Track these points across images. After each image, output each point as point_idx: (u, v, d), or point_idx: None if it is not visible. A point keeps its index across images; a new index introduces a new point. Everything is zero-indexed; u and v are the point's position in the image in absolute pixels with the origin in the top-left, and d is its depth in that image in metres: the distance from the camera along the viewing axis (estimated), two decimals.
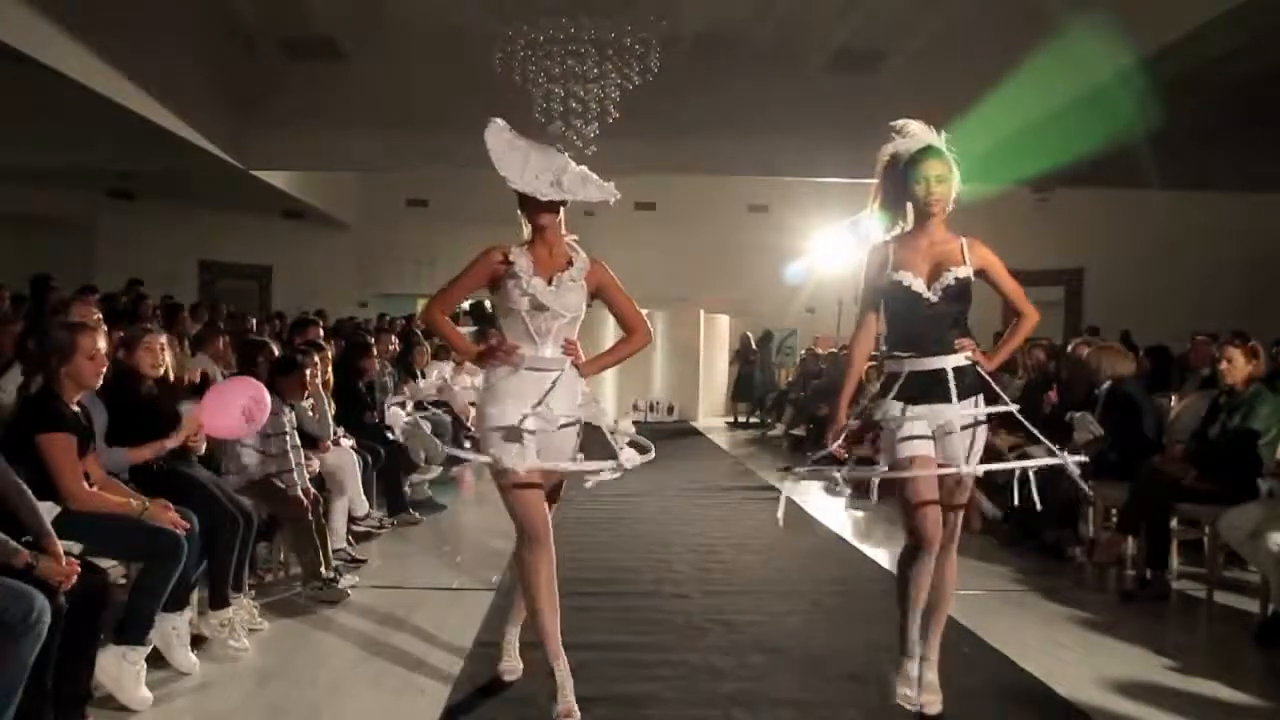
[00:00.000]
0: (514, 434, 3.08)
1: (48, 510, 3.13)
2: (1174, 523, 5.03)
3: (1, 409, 4.03)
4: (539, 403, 3.10)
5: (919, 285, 3.23)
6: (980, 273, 3.27)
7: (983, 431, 3.29)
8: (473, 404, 9.76)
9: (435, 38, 9.99)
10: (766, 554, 5.86)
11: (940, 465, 3.19)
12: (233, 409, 4.22)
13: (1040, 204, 14.61)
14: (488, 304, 17.94)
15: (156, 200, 14.48)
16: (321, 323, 8.70)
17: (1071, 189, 13.46)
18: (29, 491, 3.01)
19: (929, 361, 3.21)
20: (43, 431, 3.28)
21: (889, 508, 4.45)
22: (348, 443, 5.93)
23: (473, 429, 9.93)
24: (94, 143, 10.56)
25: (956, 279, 3.20)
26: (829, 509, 7.37)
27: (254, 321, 10.15)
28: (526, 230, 3.26)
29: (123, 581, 3.63)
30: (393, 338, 9.01)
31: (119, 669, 3.23)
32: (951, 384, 3.16)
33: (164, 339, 4.27)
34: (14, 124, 9.60)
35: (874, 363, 4.36)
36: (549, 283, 3.19)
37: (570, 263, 3.25)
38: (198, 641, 3.78)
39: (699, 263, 16.09)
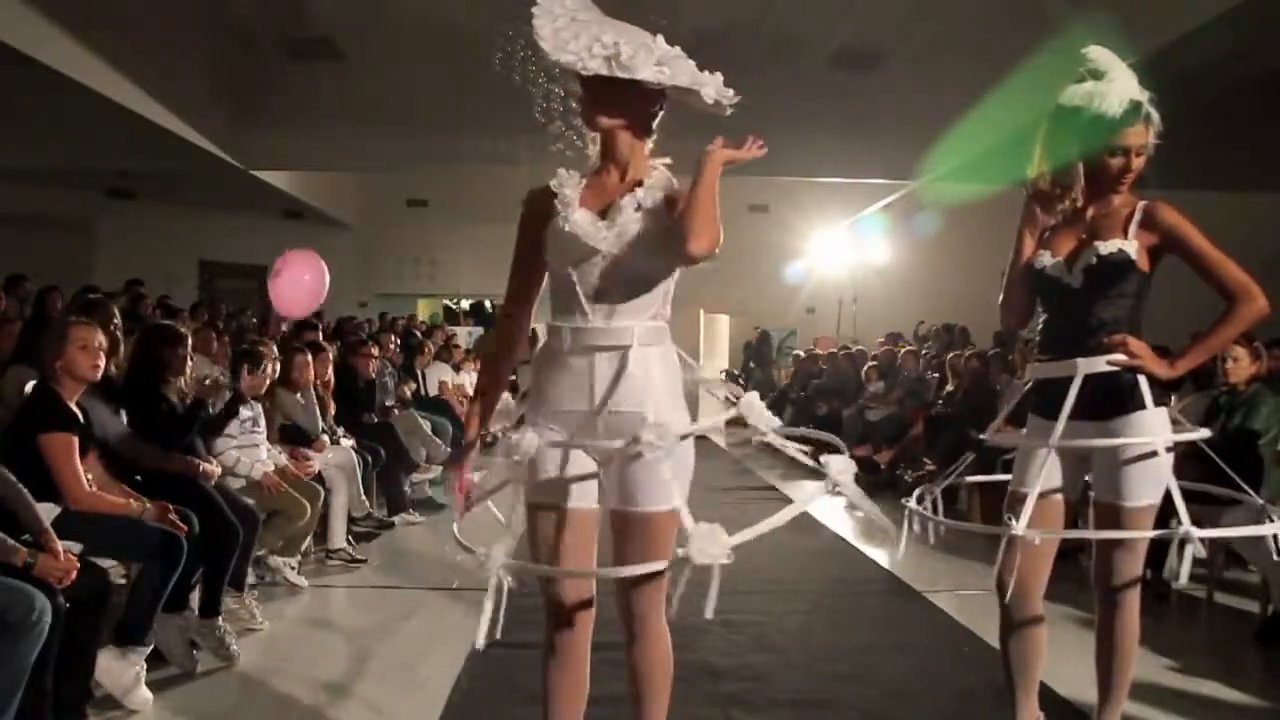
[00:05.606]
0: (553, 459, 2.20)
1: (47, 511, 3.13)
2: (1174, 522, 5.01)
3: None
4: (599, 406, 2.13)
5: (1056, 266, 2.55)
6: (1161, 247, 2.49)
7: (1155, 464, 2.66)
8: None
9: (435, 38, 9.96)
10: (767, 555, 5.83)
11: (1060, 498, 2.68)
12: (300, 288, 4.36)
13: None
14: (488, 303, 18.00)
15: (156, 200, 14.47)
16: (320, 324, 8.70)
17: None
18: (25, 490, 3.01)
19: (1059, 366, 2.54)
20: (43, 431, 3.28)
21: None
22: (348, 443, 5.93)
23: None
24: (94, 143, 10.55)
25: (1100, 256, 2.47)
26: (829, 509, 7.36)
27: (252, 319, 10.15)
28: (594, 152, 2.27)
29: (123, 581, 3.64)
30: (393, 337, 9.01)
31: (119, 669, 3.22)
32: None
33: (190, 342, 4.27)
34: (14, 124, 9.59)
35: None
36: (601, 215, 2.14)
37: (639, 185, 2.16)
38: (196, 642, 3.78)
39: None
